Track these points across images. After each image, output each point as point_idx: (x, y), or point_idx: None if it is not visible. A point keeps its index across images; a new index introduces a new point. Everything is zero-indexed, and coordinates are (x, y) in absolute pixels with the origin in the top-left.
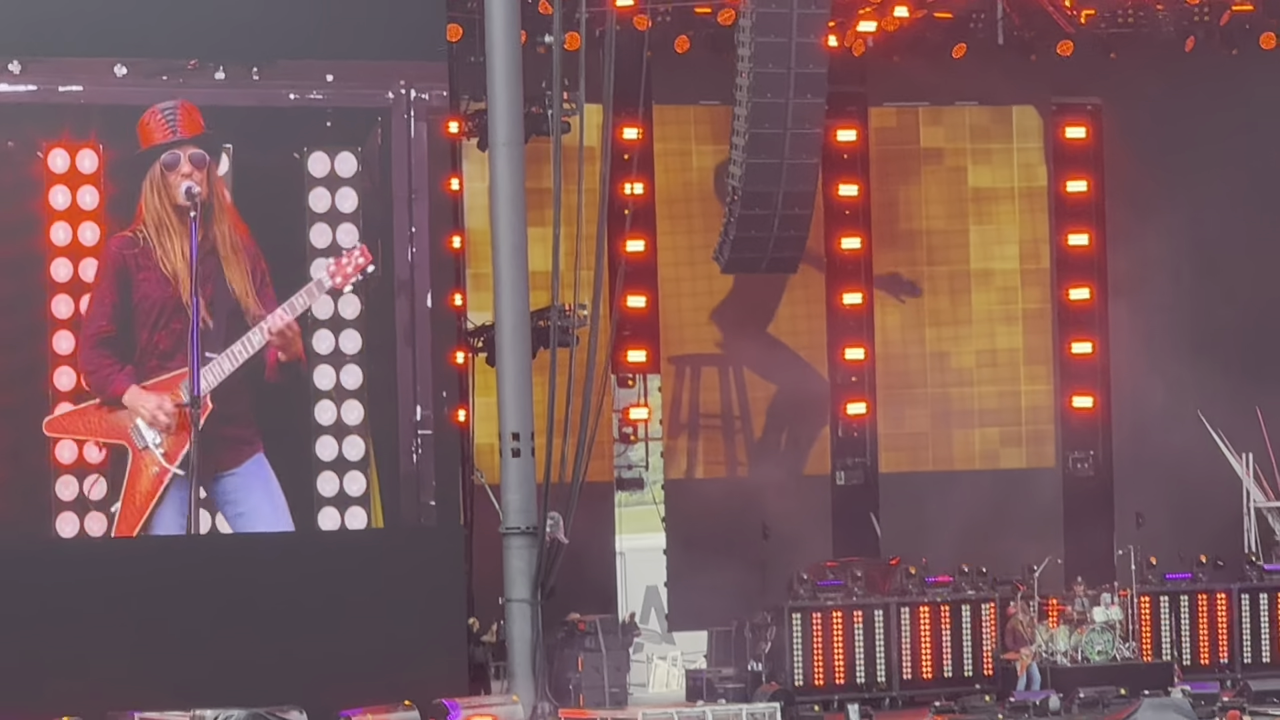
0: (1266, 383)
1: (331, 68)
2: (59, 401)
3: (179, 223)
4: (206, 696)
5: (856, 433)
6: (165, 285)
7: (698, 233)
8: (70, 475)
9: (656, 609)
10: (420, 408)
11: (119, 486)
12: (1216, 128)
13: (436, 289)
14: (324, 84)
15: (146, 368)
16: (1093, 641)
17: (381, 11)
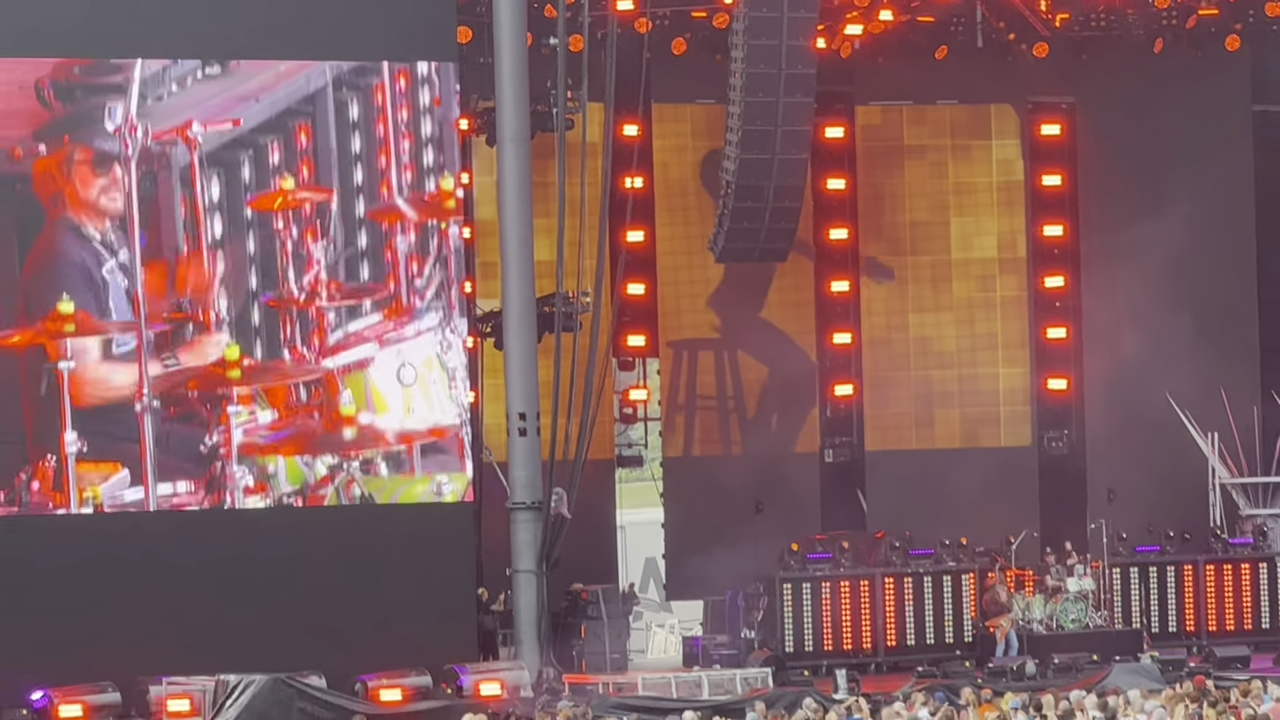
0: (1230, 366)
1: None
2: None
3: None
4: (230, 662)
5: (844, 413)
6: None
7: (694, 224)
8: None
9: (655, 579)
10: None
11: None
12: (1183, 125)
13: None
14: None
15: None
16: (1066, 610)
17: (395, 15)
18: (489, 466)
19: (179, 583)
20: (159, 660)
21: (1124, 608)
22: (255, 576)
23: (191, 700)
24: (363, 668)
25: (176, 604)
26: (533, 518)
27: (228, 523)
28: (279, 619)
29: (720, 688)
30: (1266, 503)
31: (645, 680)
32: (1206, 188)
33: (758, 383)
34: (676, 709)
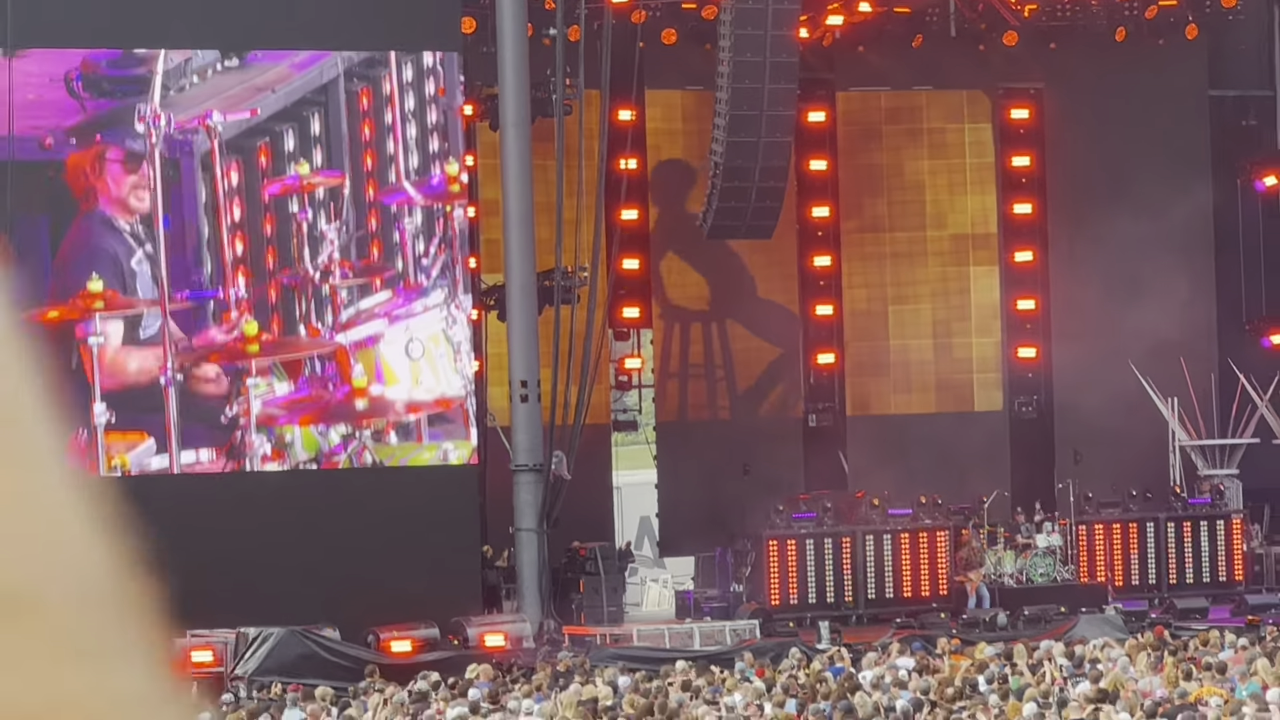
0: (1189, 336)
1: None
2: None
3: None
4: (250, 616)
5: (826, 380)
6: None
7: (685, 203)
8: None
9: (649, 537)
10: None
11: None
12: (1144, 108)
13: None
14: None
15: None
16: (1035, 565)
17: (403, 8)
18: (493, 431)
19: (201, 543)
20: (183, 614)
21: (1089, 562)
22: (273, 537)
23: (214, 651)
24: (374, 621)
25: (199, 563)
26: (534, 479)
27: (247, 487)
28: (296, 576)
29: (711, 639)
30: (1223, 464)
31: (640, 632)
32: (1166, 167)
33: (745, 352)
34: (670, 659)
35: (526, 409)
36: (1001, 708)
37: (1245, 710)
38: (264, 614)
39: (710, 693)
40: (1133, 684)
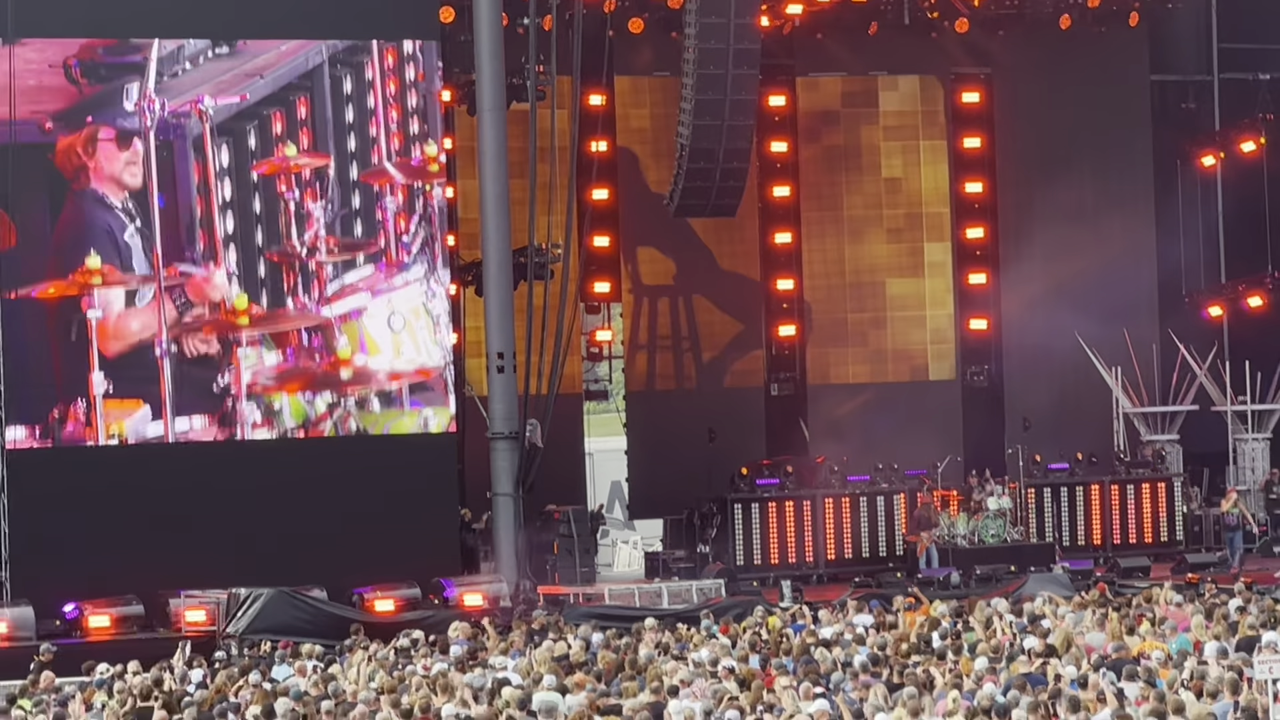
0: (1132, 308)
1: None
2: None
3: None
4: (241, 577)
5: (787, 351)
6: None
7: (653, 183)
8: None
9: (620, 501)
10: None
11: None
12: (1089, 92)
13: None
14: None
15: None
16: (987, 526)
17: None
18: (471, 400)
19: (195, 507)
20: (178, 576)
21: (1038, 524)
22: (263, 501)
23: (207, 611)
24: (359, 581)
25: (193, 526)
26: (510, 446)
27: (238, 453)
28: (284, 539)
29: (679, 597)
30: (1164, 429)
31: (611, 591)
32: (1109, 148)
33: (710, 325)
34: (639, 616)
35: (503, 379)
36: (955, 662)
37: (1185, 663)
38: (254, 575)
39: (678, 649)
40: (1080, 639)
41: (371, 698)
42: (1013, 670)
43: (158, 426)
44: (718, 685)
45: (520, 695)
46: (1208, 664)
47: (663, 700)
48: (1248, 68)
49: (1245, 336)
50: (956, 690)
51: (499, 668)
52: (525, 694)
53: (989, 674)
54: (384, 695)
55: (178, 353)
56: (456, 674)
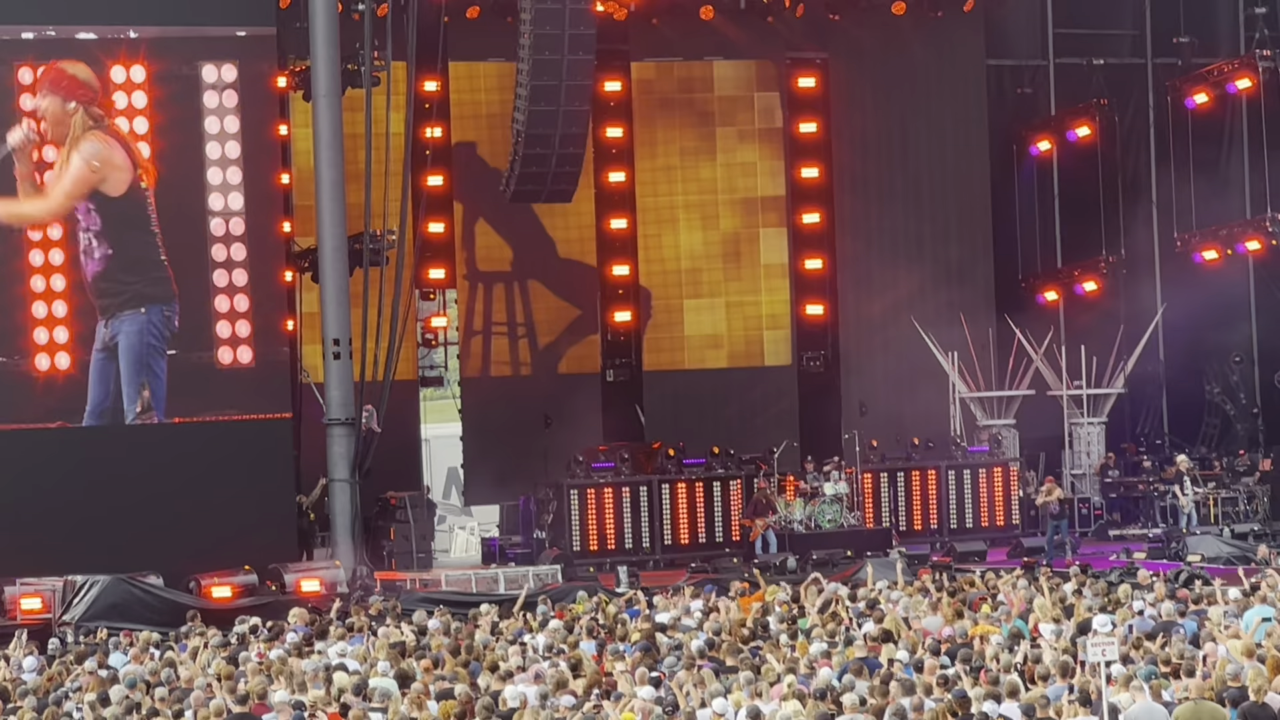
0: (969, 293)
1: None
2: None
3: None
4: (78, 565)
5: (623, 337)
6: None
7: (488, 169)
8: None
9: (456, 486)
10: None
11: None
12: (925, 77)
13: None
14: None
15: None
16: (823, 511)
17: None
18: (307, 387)
19: (30, 493)
20: (13, 563)
21: (875, 509)
22: (99, 487)
23: (43, 598)
24: (196, 568)
25: (28, 512)
26: (346, 432)
27: (75, 439)
28: (121, 526)
29: (515, 583)
30: (1000, 414)
31: (448, 577)
32: (946, 132)
33: (545, 311)
34: (475, 602)
35: (339, 365)
36: (791, 647)
37: (1019, 646)
38: (91, 563)
39: (514, 634)
40: (917, 623)
41: (207, 684)
42: (848, 655)
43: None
44: (552, 670)
45: (355, 681)
46: (1040, 648)
47: (497, 686)
48: (1083, 53)
49: (1080, 321)
50: (792, 674)
51: (336, 655)
52: (360, 679)
53: (824, 658)
54: (220, 681)
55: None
56: (294, 660)
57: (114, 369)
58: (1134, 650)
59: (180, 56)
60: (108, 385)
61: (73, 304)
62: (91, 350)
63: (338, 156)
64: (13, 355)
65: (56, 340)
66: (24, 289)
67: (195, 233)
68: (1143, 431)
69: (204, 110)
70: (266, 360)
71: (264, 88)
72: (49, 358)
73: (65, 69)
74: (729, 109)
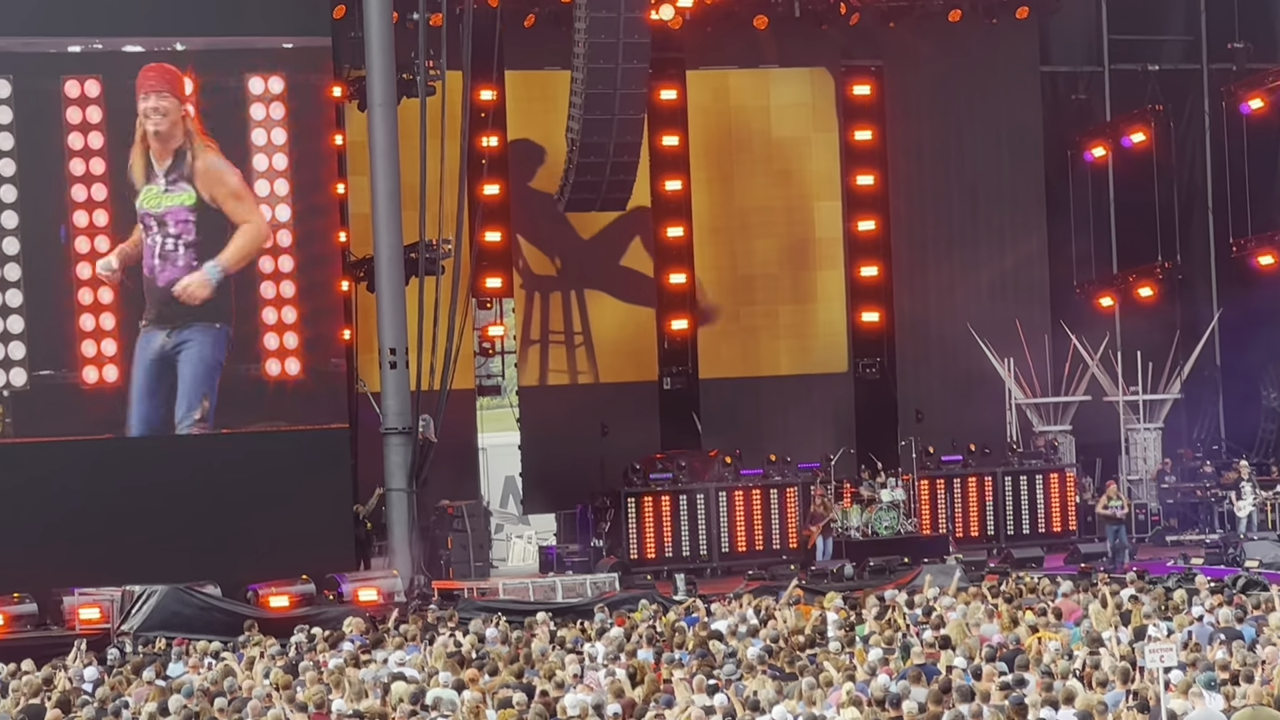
0: (1024, 300)
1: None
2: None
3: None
4: (136, 575)
5: (680, 345)
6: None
7: (544, 178)
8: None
9: (514, 495)
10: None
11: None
12: (979, 84)
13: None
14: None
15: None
16: (880, 518)
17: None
18: (364, 396)
19: (89, 504)
20: (71, 573)
21: (932, 515)
22: (157, 497)
23: (101, 609)
24: (253, 578)
25: (87, 523)
26: (403, 442)
27: (133, 450)
28: (178, 535)
29: (572, 591)
30: (1057, 420)
31: (505, 586)
32: (1001, 139)
33: (602, 319)
34: (532, 610)
35: (395, 375)
36: (849, 654)
37: (1078, 652)
38: (149, 573)
39: (573, 642)
40: (975, 629)
41: (265, 693)
42: (907, 661)
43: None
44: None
45: (413, 690)
46: (1100, 654)
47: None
48: (1138, 59)
49: (1136, 327)
50: (850, 682)
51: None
52: (419, 689)
53: (882, 665)
54: (278, 691)
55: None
56: (351, 669)
57: (169, 379)
58: (1192, 656)
59: (226, 69)
60: (158, 395)
61: (120, 316)
62: (139, 360)
63: (393, 166)
64: (60, 368)
65: (104, 353)
66: (70, 301)
67: None
68: (1199, 437)
69: (251, 122)
70: (319, 371)
71: (316, 98)
72: (97, 370)
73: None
74: (784, 117)
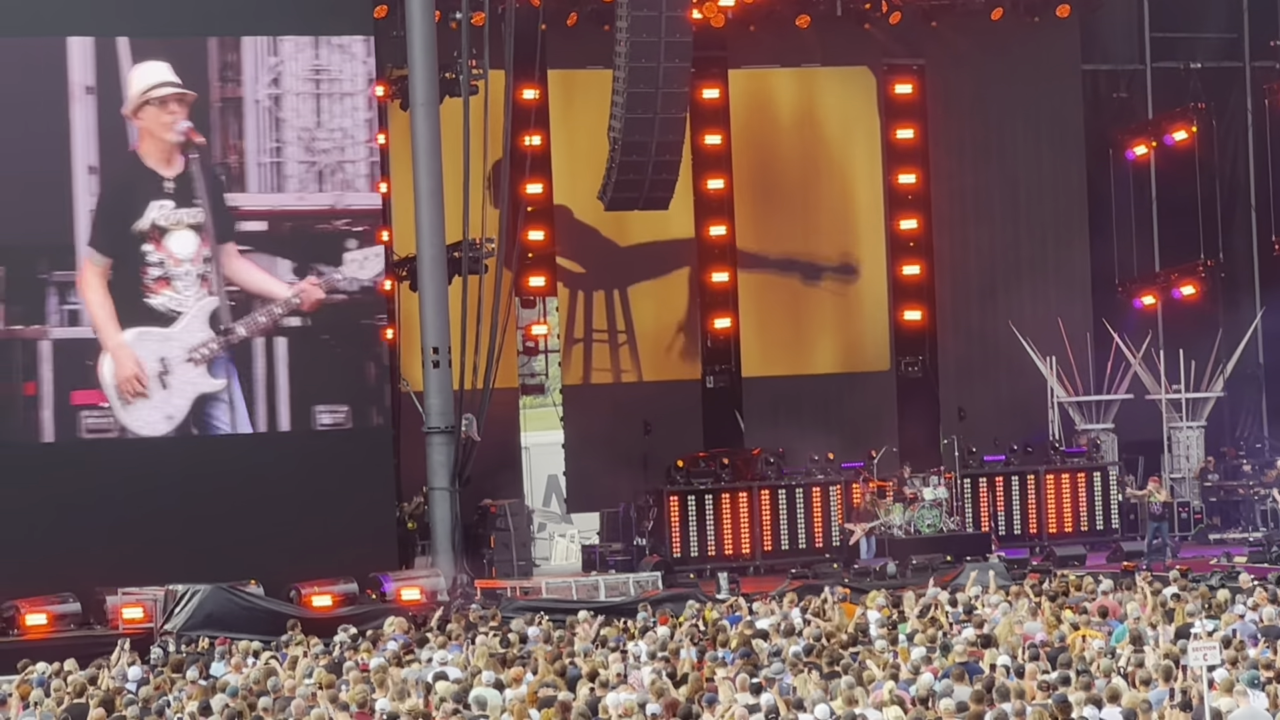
0: (1066, 298)
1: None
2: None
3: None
4: (179, 574)
5: (722, 343)
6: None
7: (586, 176)
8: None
9: (556, 494)
10: None
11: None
12: (1021, 83)
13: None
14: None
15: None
16: (923, 516)
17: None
18: (406, 396)
19: (132, 503)
20: (115, 573)
21: (974, 513)
22: (200, 496)
23: (144, 608)
24: (296, 577)
25: (130, 522)
26: (446, 441)
27: (175, 449)
28: (221, 534)
29: (615, 590)
30: (1099, 418)
31: (548, 584)
32: (1042, 137)
33: (646, 317)
34: (575, 609)
35: (438, 374)
36: (892, 652)
37: (1121, 650)
38: (192, 572)
39: (615, 641)
40: (1018, 627)
41: (309, 693)
42: (949, 660)
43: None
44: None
45: (455, 689)
46: (1143, 652)
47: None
48: (1179, 56)
49: (1178, 325)
50: (893, 680)
51: (437, 662)
52: (461, 688)
53: (925, 664)
54: (321, 690)
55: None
56: (394, 669)
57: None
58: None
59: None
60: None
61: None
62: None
63: (436, 165)
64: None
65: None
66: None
67: None
68: (1242, 435)
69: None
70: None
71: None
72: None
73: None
74: (825, 115)
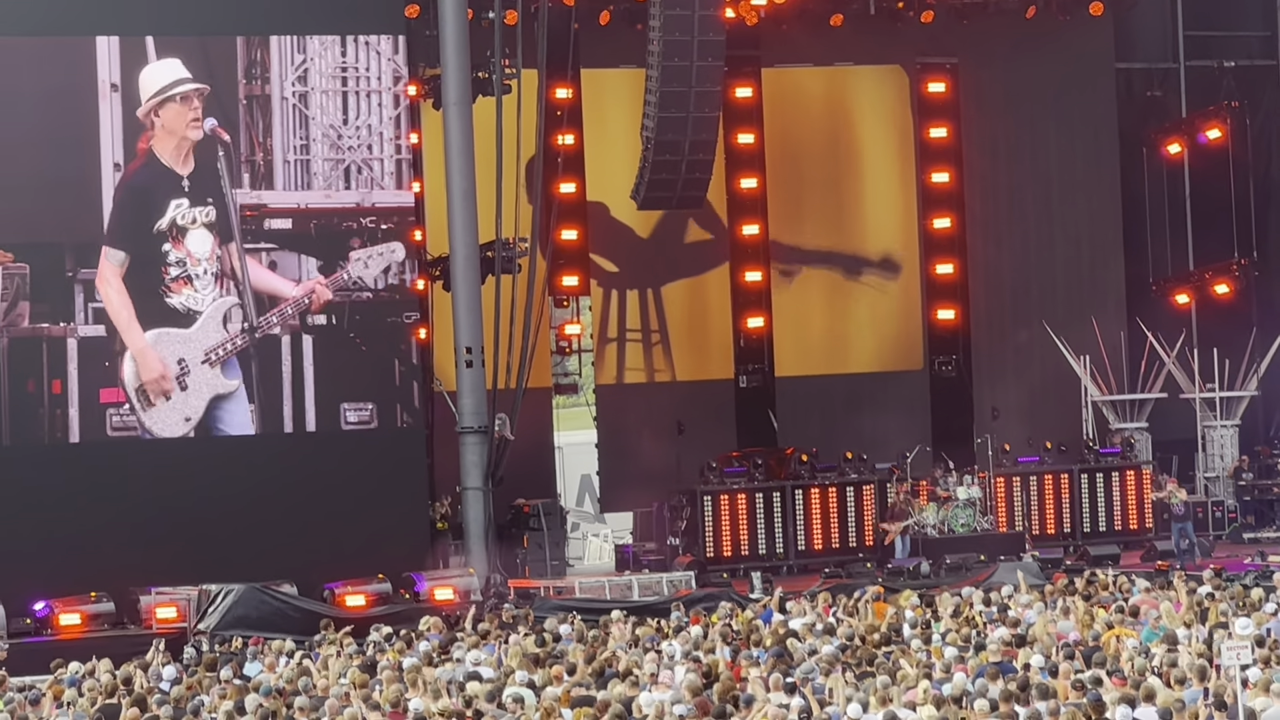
0: (1100, 297)
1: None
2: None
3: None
4: (212, 574)
5: (756, 343)
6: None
7: (619, 175)
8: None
9: (590, 494)
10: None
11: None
12: (1054, 81)
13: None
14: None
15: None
16: (956, 516)
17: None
18: (439, 395)
19: (166, 503)
20: (148, 572)
21: (1008, 513)
22: (234, 496)
23: (178, 608)
24: (329, 577)
25: (163, 522)
26: (479, 440)
27: (208, 449)
28: (255, 534)
29: (649, 589)
30: (1133, 417)
31: (582, 584)
32: (1076, 136)
33: (678, 316)
34: (608, 608)
35: (471, 374)
36: (925, 651)
37: (1155, 650)
38: (225, 571)
39: (649, 640)
40: (1052, 626)
41: (343, 693)
42: (982, 659)
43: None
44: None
45: (489, 689)
46: (1177, 651)
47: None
48: (1213, 55)
49: (1213, 324)
50: (926, 679)
51: (470, 662)
52: (495, 687)
53: (958, 663)
54: (355, 690)
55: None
56: (427, 668)
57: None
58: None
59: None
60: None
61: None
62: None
63: (469, 164)
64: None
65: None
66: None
67: None
68: (1276, 434)
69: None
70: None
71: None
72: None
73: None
74: (859, 114)
